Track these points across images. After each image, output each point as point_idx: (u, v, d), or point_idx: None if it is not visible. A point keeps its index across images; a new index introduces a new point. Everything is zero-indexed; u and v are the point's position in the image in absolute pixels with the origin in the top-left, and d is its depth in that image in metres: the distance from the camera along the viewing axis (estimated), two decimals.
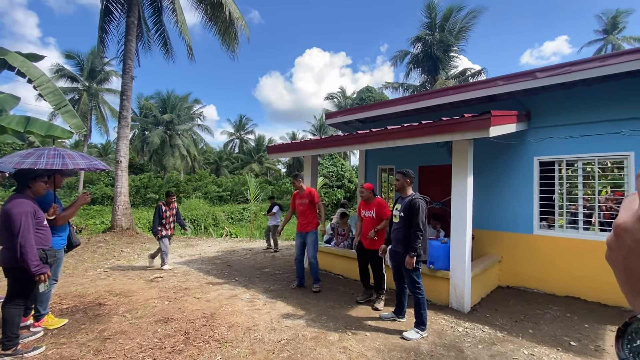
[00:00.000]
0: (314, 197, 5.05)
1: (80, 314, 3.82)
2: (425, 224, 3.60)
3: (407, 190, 3.77)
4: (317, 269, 5.04)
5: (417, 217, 3.53)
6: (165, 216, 6.07)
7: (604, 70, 4.53)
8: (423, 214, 3.55)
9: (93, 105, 24.92)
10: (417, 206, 3.55)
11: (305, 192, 5.08)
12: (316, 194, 5.10)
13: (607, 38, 25.06)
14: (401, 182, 3.78)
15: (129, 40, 10.09)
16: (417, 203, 3.56)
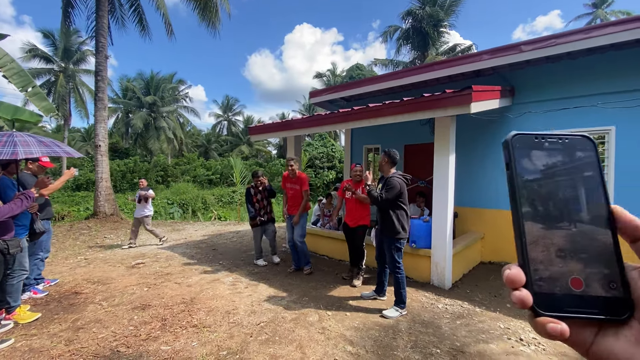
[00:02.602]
0: (303, 184, 4.91)
1: (55, 303, 3.74)
2: (402, 203, 3.56)
3: (387, 171, 3.68)
4: (304, 251, 4.97)
5: (385, 191, 3.51)
6: (257, 200, 5.37)
7: (589, 42, 4.42)
8: (390, 191, 3.49)
9: (71, 88, 23.88)
10: (387, 182, 3.55)
11: (297, 177, 4.96)
12: (306, 182, 4.94)
13: (595, 12, 24.80)
14: (380, 162, 3.72)
15: (100, 17, 9.50)
16: (390, 181, 3.53)
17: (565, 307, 0.34)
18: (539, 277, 0.35)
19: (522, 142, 0.39)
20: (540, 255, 0.35)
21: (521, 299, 0.33)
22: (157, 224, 10.18)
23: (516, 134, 0.39)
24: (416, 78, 6.06)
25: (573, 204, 0.37)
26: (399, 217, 3.53)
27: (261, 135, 6.62)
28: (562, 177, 0.38)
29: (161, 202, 16.61)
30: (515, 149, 0.39)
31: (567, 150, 0.39)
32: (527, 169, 0.38)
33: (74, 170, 3.60)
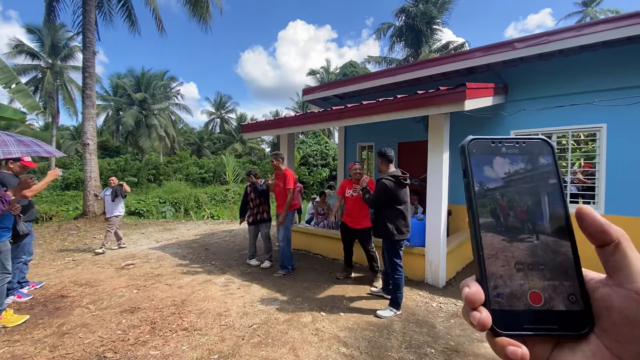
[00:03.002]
0: (287, 182, 4.70)
1: (40, 307, 3.62)
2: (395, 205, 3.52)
3: (385, 170, 3.64)
4: (286, 254, 4.75)
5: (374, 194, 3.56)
6: (250, 198, 5.28)
7: (581, 40, 4.42)
8: (375, 194, 3.55)
9: (59, 85, 23.36)
10: (377, 185, 3.56)
11: (282, 174, 4.85)
12: (290, 179, 4.72)
13: (585, 10, 25.05)
14: (376, 163, 3.78)
15: (87, 11, 9.26)
16: (378, 183, 3.54)
17: (524, 324, 0.33)
18: (497, 293, 0.33)
19: (479, 148, 0.37)
20: (499, 269, 0.34)
21: (481, 321, 0.31)
22: (149, 224, 10.03)
23: (472, 139, 0.37)
24: (410, 75, 6.03)
25: (531, 213, 0.35)
26: (392, 219, 3.47)
27: (254, 133, 6.53)
28: (520, 184, 0.36)
29: (153, 201, 16.38)
30: (471, 155, 0.37)
31: (525, 155, 0.37)
32: (484, 177, 0.36)
33: (58, 171, 3.50)
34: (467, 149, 0.37)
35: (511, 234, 0.35)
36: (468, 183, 0.36)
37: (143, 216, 14.74)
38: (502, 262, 0.34)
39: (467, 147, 0.37)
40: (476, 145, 0.37)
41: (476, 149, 0.37)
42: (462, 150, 0.38)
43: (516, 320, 0.33)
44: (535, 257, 0.34)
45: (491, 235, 0.34)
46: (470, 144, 0.37)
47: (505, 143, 0.38)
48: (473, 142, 0.37)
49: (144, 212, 15.22)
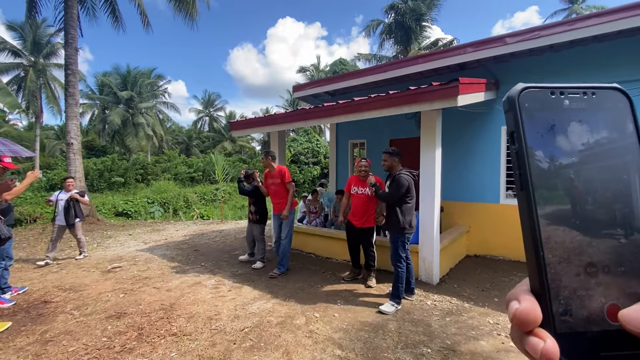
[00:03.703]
0: (285, 176, 4.71)
1: (23, 313, 3.46)
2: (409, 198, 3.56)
3: (396, 169, 3.68)
4: (286, 251, 4.73)
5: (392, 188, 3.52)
6: None
7: (572, 34, 4.43)
8: (397, 188, 3.50)
9: (42, 83, 22.66)
10: (395, 180, 3.54)
11: (276, 170, 4.77)
12: (287, 173, 4.76)
13: (571, 7, 25.42)
14: (389, 162, 3.70)
15: (69, 6, 8.92)
16: (398, 178, 3.53)
17: (601, 350, 0.24)
18: (564, 310, 0.24)
19: (534, 101, 0.27)
20: (566, 276, 0.24)
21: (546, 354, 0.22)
22: (137, 224, 9.80)
23: (525, 89, 0.28)
24: (401, 71, 5.98)
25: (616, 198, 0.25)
26: (404, 213, 3.51)
27: (243, 131, 6.40)
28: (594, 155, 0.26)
29: (141, 202, 16.05)
30: (524, 112, 0.27)
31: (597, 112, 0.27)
32: (544, 144, 0.26)
33: (38, 172, 3.36)
34: (518, 102, 0.27)
35: (585, 227, 0.25)
36: (521, 153, 0.26)
37: (131, 217, 14.44)
38: (570, 267, 0.25)
39: (517, 99, 0.27)
40: (530, 97, 0.27)
41: (530, 103, 0.27)
42: (509, 104, 0.28)
43: (590, 346, 0.24)
44: (614, 258, 0.25)
45: (555, 229, 0.25)
46: (522, 95, 0.27)
47: (569, 94, 0.27)
48: (526, 92, 0.27)
49: (131, 212, 14.91)
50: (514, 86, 0.28)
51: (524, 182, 0.26)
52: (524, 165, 0.26)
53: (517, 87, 0.28)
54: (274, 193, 4.83)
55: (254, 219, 5.13)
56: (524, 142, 0.26)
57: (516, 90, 0.27)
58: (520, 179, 0.26)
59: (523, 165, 0.26)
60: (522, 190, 0.26)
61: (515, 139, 0.27)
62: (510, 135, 0.27)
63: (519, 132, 0.26)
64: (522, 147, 0.26)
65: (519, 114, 0.27)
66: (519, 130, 0.26)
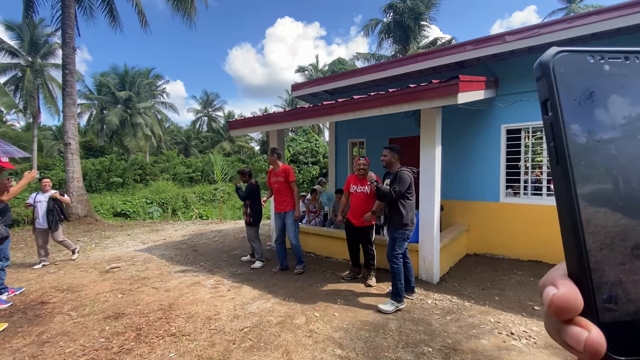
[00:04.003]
0: (289, 175, 4.72)
1: (19, 314, 3.42)
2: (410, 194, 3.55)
3: (395, 166, 3.66)
4: (300, 251, 4.80)
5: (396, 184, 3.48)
6: None
7: (571, 32, 4.42)
8: (402, 185, 3.47)
9: (40, 83, 22.55)
10: (398, 176, 3.52)
11: (280, 169, 4.76)
12: (291, 172, 4.77)
13: (569, 7, 25.48)
14: (389, 158, 3.67)
15: (66, 5, 8.88)
16: (401, 174, 3.51)
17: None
18: (608, 296, 0.21)
19: (570, 67, 0.24)
20: (610, 258, 0.22)
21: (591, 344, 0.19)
22: (135, 225, 9.76)
23: (559, 52, 0.25)
24: (400, 70, 5.96)
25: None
26: (407, 209, 3.50)
27: (242, 130, 6.36)
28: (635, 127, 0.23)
29: (140, 202, 16.00)
30: (559, 78, 0.24)
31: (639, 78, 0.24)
32: (580, 115, 0.24)
33: (35, 173, 3.33)
34: (553, 67, 0.24)
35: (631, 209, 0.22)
36: (556, 123, 0.24)
37: (129, 217, 14.39)
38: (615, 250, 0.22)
39: (551, 64, 0.24)
40: (565, 62, 0.24)
41: (566, 68, 0.24)
42: (542, 69, 0.25)
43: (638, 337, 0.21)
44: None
45: (597, 210, 0.22)
46: (557, 59, 0.24)
47: (609, 58, 0.25)
48: (561, 56, 0.24)
49: (130, 213, 14.86)
50: (547, 50, 0.25)
51: (560, 155, 0.23)
52: (560, 136, 0.23)
53: (551, 51, 0.25)
54: (276, 191, 4.81)
55: (247, 221, 5.17)
56: (559, 111, 0.24)
57: (550, 54, 0.25)
58: (556, 151, 0.24)
59: (559, 136, 0.23)
60: (558, 164, 0.24)
61: (550, 107, 0.24)
62: (543, 104, 0.25)
63: (553, 100, 0.24)
64: (557, 116, 0.24)
65: (553, 80, 0.24)
66: (554, 98, 0.24)
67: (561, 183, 0.23)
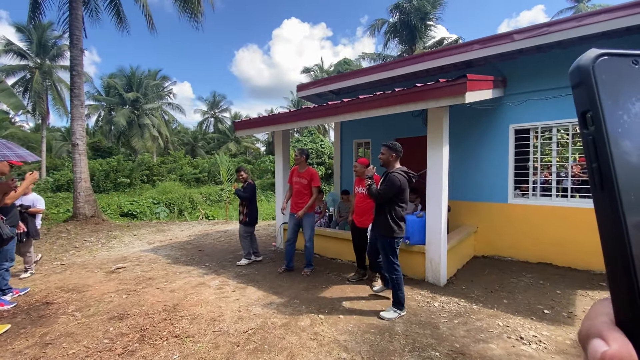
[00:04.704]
0: (314, 180, 4.67)
1: (23, 315, 3.43)
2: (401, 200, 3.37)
3: (393, 165, 3.43)
4: (312, 253, 4.80)
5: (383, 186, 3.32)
6: None
7: (581, 30, 4.32)
8: (388, 187, 3.27)
9: (48, 85, 22.89)
10: (387, 177, 3.34)
11: (306, 171, 4.74)
12: (317, 177, 4.71)
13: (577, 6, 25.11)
14: (386, 156, 3.43)
15: (73, 7, 8.97)
16: (390, 177, 3.31)
17: None
18: None
19: (613, 72, 0.20)
20: None
21: None
22: (142, 225, 9.81)
23: (600, 56, 0.21)
24: (406, 69, 5.89)
25: None
26: (393, 215, 3.32)
27: (247, 131, 6.35)
28: None
29: (146, 202, 16.11)
30: (601, 86, 0.20)
31: None
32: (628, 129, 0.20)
33: (37, 174, 3.34)
34: (594, 73, 0.20)
35: None
36: (600, 140, 0.20)
37: (136, 217, 14.50)
38: None
39: (592, 69, 0.20)
40: (608, 67, 0.21)
41: (608, 75, 0.20)
42: (581, 75, 0.21)
43: None
44: None
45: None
46: (599, 64, 0.21)
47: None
48: (602, 60, 0.21)
49: (137, 213, 14.97)
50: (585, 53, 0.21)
51: (605, 179, 0.19)
52: (606, 156, 0.19)
53: (591, 54, 0.21)
54: (296, 192, 4.78)
55: (244, 220, 5.20)
56: (603, 126, 0.20)
57: (590, 58, 0.21)
58: (600, 173, 0.20)
59: (604, 155, 0.19)
60: (603, 190, 0.20)
61: (591, 120, 0.20)
62: (581, 117, 0.21)
63: (596, 112, 0.20)
64: (601, 131, 0.20)
65: (595, 89, 0.20)
66: (597, 110, 0.20)
67: (607, 212, 0.19)
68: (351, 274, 4.55)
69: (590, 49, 0.22)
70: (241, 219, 5.25)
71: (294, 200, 4.82)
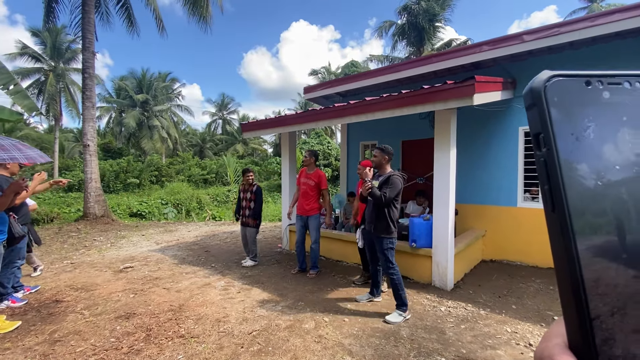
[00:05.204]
0: (322, 182, 4.69)
1: (34, 313, 3.49)
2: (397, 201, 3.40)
3: (385, 168, 3.52)
4: (317, 255, 4.80)
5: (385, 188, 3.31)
6: (242, 197, 5.28)
7: (594, 31, 4.24)
8: (393, 190, 3.30)
9: (62, 87, 23.40)
10: (390, 180, 3.33)
11: (315, 172, 4.75)
12: (324, 179, 4.72)
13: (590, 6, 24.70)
14: (379, 159, 3.51)
15: (86, 12, 9.16)
16: (392, 179, 3.33)
17: None
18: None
19: (565, 94, 0.21)
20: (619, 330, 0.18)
21: None
22: (150, 225, 9.93)
23: (552, 77, 0.22)
24: (414, 71, 5.86)
25: None
26: (392, 216, 3.36)
27: (254, 132, 6.38)
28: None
29: (155, 203, 16.30)
30: (553, 108, 0.21)
31: None
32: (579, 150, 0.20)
33: (44, 174, 3.42)
34: (545, 95, 0.21)
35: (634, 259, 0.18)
36: (551, 162, 0.20)
37: (145, 218, 14.67)
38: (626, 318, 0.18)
39: (543, 91, 0.21)
40: (560, 88, 0.21)
41: (560, 96, 0.21)
42: (533, 97, 0.21)
43: None
44: None
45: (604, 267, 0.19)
46: (550, 86, 0.21)
47: (609, 83, 0.22)
48: (554, 82, 0.21)
49: (145, 213, 15.15)
50: (538, 75, 0.22)
51: (556, 200, 0.20)
52: (556, 179, 0.20)
53: (543, 76, 0.22)
54: (303, 193, 4.79)
55: (254, 224, 5.19)
56: (554, 148, 0.20)
57: (541, 80, 0.21)
58: (551, 195, 0.20)
59: (555, 178, 0.20)
60: (554, 212, 0.20)
61: (542, 142, 0.21)
62: (535, 138, 0.21)
63: (547, 135, 0.20)
64: (552, 153, 0.20)
65: (546, 111, 0.20)
66: (548, 132, 0.20)
67: (557, 235, 0.19)
68: (357, 276, 4.52)
69: (543, 70, 0.22)
70: (249, 222, 5.18)
71: (300, 201, 4.83)
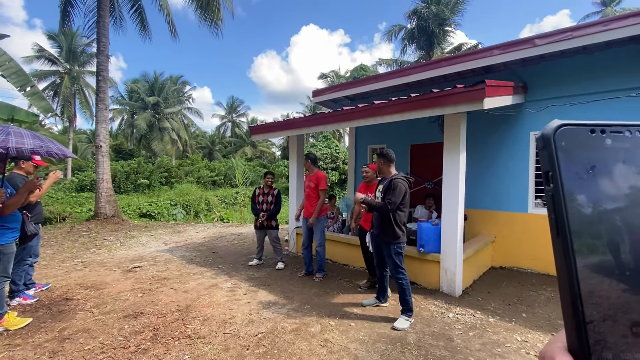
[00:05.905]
0: (320, 183, 4.69)
1: (44, 310, 3.55)
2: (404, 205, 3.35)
3: (388, 171, 3.47)
4: (323, 258, 4.79)
5: (389, 194, 3.27)
6: (258, 201, 5.26)
7: (607, 35, 4.16)
8: (397, 195, 3.24)
9: (76, 89, 23.97)
10: (392, 185, 3.28)
11: (314, 174, 4.76)
12: (323, 180, 4.71)
13: (604, 10, 24.34)
14: (377, 164, 3.53)
15: (101, 16, 9.39)
16: (394, 183, 3.29)
17: None
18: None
19: (571, 140, 0.25)
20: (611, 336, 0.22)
21: None
22: (159, 226, 10.05)
23: (561, 126, 0.26)
24: (423, 75, 5.83)
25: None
26: (397, 220, 3.31)
27: (263, 135, 6.42)
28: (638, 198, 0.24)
29: (164, 204, 16.50)
30: (560, 151, 0.25)
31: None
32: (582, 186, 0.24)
33: (59, 173, 3.50)
34: (554, 140, 0.25)
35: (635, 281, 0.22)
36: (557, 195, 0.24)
37: (154, 218, 14.85)
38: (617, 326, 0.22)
39: (553, 137, 0.25)
40: (567, 135, 0.25)
41: (567, 142, 0.25)
42: (544, 142, 0.25)
43: None
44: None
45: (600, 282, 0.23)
46: (559, 133, 0.25)
47: (611, 132, 0.25)
48: (562, 130, 0.25)
49: (155, 214, 15.33)
50: (549, 123, 0.26)
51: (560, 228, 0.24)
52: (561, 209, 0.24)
53: (552, 125, 0.26)
54: (307, 195, 4.84)
55: (275, 225, 5.23)
56: (560, 183, 0.24)
57: (551, 128, 0.25)
58: (557, 223, 0.24)
59: (560, 209, 0.24)
60: (558, 237, 0.24)
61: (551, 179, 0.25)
62: (545, 175, 0.25)
63: (555, 173, 0.25)
64: (558, 188, 0.24)
65: (554, 153, 0.25)
66: (555, 171, 0.25)
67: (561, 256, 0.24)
68: (363, 281, 4.49)
69: (553, 120, 0.26)
70: (270, 224, 5.16)
71: (306, 204, 4.86)
